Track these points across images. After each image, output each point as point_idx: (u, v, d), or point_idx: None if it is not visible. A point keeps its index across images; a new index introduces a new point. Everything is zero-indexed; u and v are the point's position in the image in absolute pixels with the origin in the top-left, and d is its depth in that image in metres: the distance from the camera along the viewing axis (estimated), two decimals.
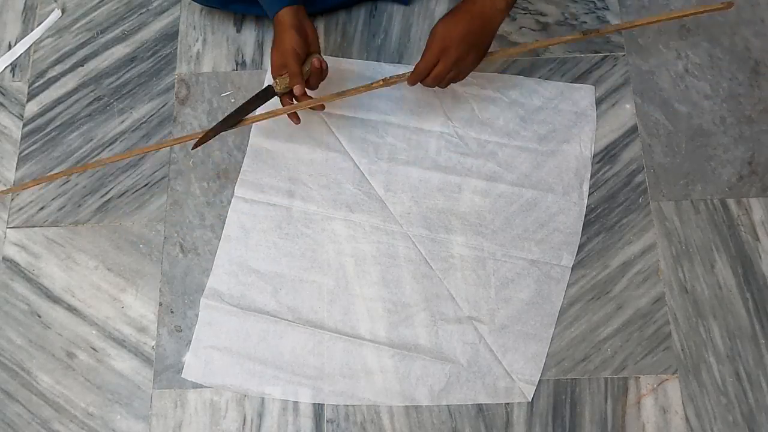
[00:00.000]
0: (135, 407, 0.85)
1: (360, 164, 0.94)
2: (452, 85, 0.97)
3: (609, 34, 1.00)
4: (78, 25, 1.06)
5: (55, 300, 0.91)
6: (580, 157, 0.93)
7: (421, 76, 0.81)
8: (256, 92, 0.83)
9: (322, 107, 0.83)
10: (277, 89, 0.81)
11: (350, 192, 0.92)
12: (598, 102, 0.96)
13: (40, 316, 0.90)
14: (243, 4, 0.99)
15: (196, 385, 0.85)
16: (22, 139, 0.99)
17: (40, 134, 0.99)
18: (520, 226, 0.90)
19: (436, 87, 0.83)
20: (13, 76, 1.04)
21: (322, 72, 0.83)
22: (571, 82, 0.97)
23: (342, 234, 0.90)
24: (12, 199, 0.96)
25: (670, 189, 0.92)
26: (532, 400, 0.83)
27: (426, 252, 0.89)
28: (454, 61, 0.78)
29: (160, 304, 0.90)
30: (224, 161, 0.96)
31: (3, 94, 1.03)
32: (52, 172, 0.90)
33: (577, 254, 0.89)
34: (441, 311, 0.86)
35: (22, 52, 1.05)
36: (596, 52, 0.99)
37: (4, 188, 0.96)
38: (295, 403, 0.84)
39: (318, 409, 0.84)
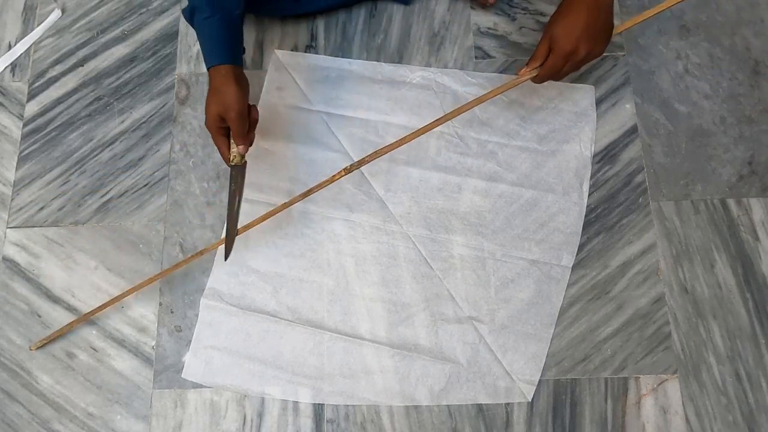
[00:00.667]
0: (135, 407, 0.85)
1: None
2: (452, 85, 0.98)
3: None
4: (78, 25, 1.06)
5: (55, 300, 0.91)
6: (580, 157, 0.93)
7: (547, 79, 0.79)
8: (231, 180, 0.81)
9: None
10: (234, 162, 0.80)
11: (350, 192, 0.92)
12: (598, 102, 0.96)
13: (40, 316, 0.90)
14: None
15: (196, 385, 0.85)
16: (22, 139, 0.99)
17: (40, 134, 0.99)
18: (520, 226, 0.90)
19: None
20: (13, 76, 1.04)
21: (256, 122, 0.82)
22: (571, 82, 0.97)
23: (342, 234, 0.90)
24: (12, 199, 0.96)
25: (670, 189, 0.92)
26: (532, 400, 0.83)
27: (426, 252, 0.89)
28: (582, 59, 0.76)
29: (160, 304, 0.90)
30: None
31: (3, 94, 1.03)
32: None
33: (577, 254, 0.89)
34: (441, 311, 0.86)
35: (22, 52, 1.05)
36: None
37: (6, 188, 0.96)
38: (295, 403, 0.84)
39: (318, 409, 0.84)
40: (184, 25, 1.04)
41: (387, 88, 0.98)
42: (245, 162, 0.81)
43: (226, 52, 0.79)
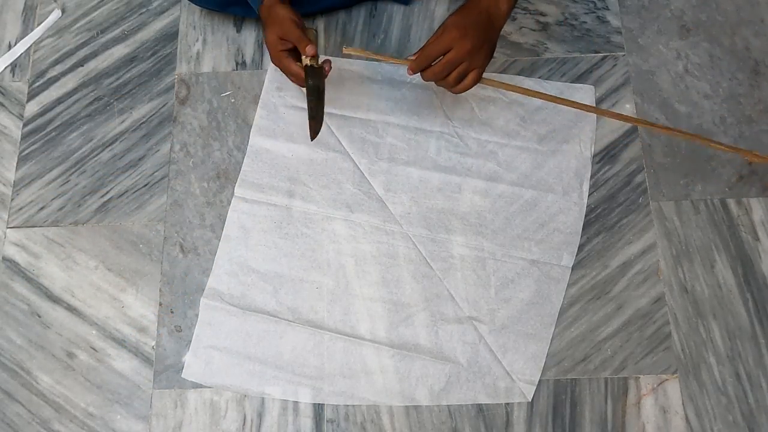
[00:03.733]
0: (135, 407, 0.85)
1: (360, 164, 0.94)
2: None
3: (609, 35, 1.00)
4: (78, 25, 1.06)
5: (55, 300, 0.91)
6: (580, 157, 0.93)
7: (427, 61, 0.75)
8: (308, 78, 0.80)
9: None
10: (310, 63, 0.80)
11: (350, 192, 0.92)
12: (598, 102, 0.97)
13: (40, 316, 0.90)
14: (242, 7, 0.98)
15: (196, 385, 0.85)
16: (22, 139, 0.99)
17: (40, 134, 0.99)
18: (520, 226, 0.90)
19: (440, 86, 0.79)
20: (13, 76, 1.04)
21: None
22: (571, 82, 0.98)
23: (342, 234, 0.90)
24: (12, 199, 0.96)
25: (670, 189, 0.92)
26: (532, 400, 0.83)
27: (426, 252, 0.89)
28: (468, 49, 0.74)
29: (160, 304, 0.90)
30: (224, 161, 0.96)
31: (3, 94, 1.03)
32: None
33: (577, 254, 0.89)
34: (441, 311, 0.86)
35: (22, 52, 1.05)
36: (596, 52, 0.99)
37: (6, 188, 0.96)
38: (295, 403, 0.84)
39: (318, 409, 0.84)
40: (184, 25, 1.04)
41: (387, 88, 0.98)
42: (321, 64, 0.81)
43: None
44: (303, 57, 0.80)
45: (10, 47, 1.05)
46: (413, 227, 0.90)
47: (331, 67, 0.83)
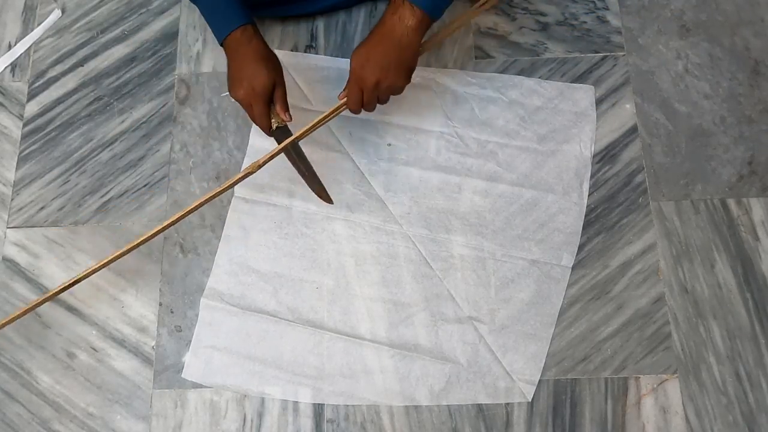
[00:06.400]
0: (135, 407, 0.85)
1: (360, 164, 0.94)
2: (452, 85, 0.97)
3: (609, 35, 1.00)
4: (78, 25, 1.06)
5: (55, 300, 0.90)
6: (580, 157, 0.93)
7: (357, 109, 0.81)
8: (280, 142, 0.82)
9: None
10: (276, 125, 0.82)
11: (350, 192, 0.92)
12: (598, 102, 0.97)
13: (40, 316, 0.90)
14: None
15: (196, 385, 0.86)
16: (22, 139, 0.99)
17: (40, 134, 0.99)
18: (520, 226, 0.90)
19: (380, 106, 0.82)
20: (13, 76, 1.04)
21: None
22: (571, 82, 0.97)
23: (342, 234, 0.90)
24: (12, 199, 0.96)
25: (670, 189, 0.92)
26: (532, 400, 0.83)
27: (426, 252, 0.89)
28: (373, 86, 0.77)
29: (160, 304, 0.90)
30: (224, 161, 0.96)
31: (3, 94, 1.03)
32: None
33: (577, 254, 0.89)
34: (441, 311, 0.86)
35: (22, 52, 1.05)
36: (596, 52, 0.99)
37: (6, 188, 0.96)
38: (295, 403, 0.84)
39: (318, 409, 0.84)
40: (184, 25, 1.04)
41: None
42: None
43: (243, 9, 0.79)
44: (272, 120, 0.81)
45: (10, 47, 1.05)
46: (413, 227, 0.90)
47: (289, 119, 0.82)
